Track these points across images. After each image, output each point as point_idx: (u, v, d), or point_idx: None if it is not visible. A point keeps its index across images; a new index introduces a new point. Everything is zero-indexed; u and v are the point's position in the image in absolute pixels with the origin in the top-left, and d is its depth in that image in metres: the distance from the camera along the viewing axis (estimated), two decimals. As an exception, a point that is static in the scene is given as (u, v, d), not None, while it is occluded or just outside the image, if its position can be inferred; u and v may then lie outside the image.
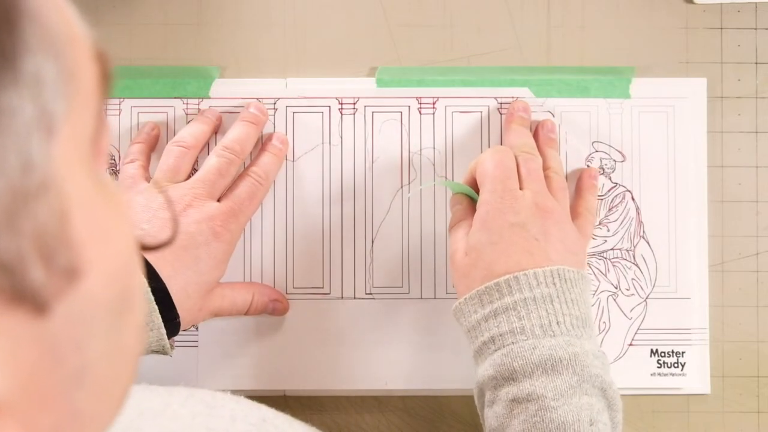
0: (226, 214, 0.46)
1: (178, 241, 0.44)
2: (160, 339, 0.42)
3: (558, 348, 0.40)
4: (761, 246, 0.53)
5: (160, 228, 0.44)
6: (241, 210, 0.47)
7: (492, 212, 0.44)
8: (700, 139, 0.53)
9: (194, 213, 0.45)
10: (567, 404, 0.39)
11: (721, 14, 0.54)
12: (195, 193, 0.46)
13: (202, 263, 0.45)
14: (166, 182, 0.47)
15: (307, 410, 0.52)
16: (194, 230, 0.44)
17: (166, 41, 0.53)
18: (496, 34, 0.53)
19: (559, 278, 0.42)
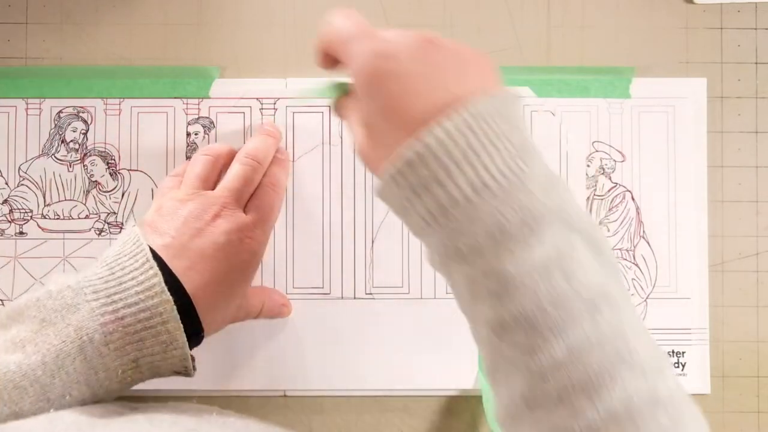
0: (254, 224, 0.45)
1: (208, 250, 0.42)
2: (184, 359, 0.41)
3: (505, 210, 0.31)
4: (761, 246, 0.53)
5: (190, 237, 0.42)
6: (267, 220, 0.46)
7: (364, 71, 0.35)
8: (700, 139, 0.53)
9: (223, 223, 0.44)
10: (525, 260, 0.31)
11: (721, 14, 0.54)
12: (223, 202, 0.44)
13: (229, 275, 0.43)
14: (193, 189, 0.46)
15: (307, 410, 0.52)
16: (224, 241, 0.43)
17: (166, 41, 0.53)
18: (496, 34, 0.53)
19: (473, 119, 0.32)
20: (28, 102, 0.52)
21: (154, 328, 0.39)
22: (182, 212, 0.44)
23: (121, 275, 0.40)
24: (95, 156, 0.52)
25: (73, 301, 0.39)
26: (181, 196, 0.45)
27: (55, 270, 0.52)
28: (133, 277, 0.40)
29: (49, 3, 0.53)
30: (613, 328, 0.31)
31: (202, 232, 0.43)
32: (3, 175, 0.52)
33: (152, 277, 0.40)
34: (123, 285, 0.39)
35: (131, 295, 0.39)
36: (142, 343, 0.39)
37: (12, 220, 0.52)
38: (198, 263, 0.42)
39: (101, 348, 0.38)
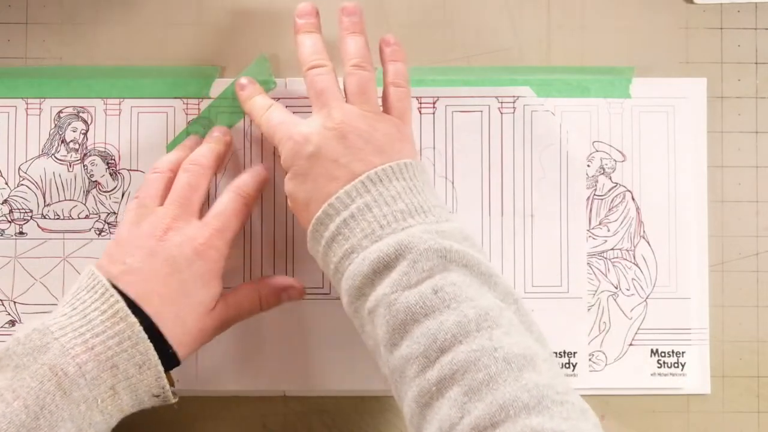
0: (208, 231, 0.45)
1: (162, 268, 0.43)
2: (158, 377, 0.41)
3: (384, 246, 0.39)
4: (761, 246, 0.53)
5: (142, 259, 0.43)
6: (225, 226, 0.45)
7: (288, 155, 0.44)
8: (700, 139, 0.53)
9: (174, 236, 0.44)
10: (407, 289, 0.38)
11: (721, 14, 0.54)
12: (173, 214, 0.45)
13: (189, 287, 0.43)
14: (144, 208, 0.45)
15: (307, 410, 0.52)
16: (176, 254, 0.43)
17: (166, 41, 0.53)
18: (496, 34, 0.53)
19: (371, 182, 0.41)
20: (28, 102, 0.52)
21: (125, 352, 0.40)
22: (135, 236, 0.44)
23: (83, 308, 0.41)
24: (95, 156, 0.52)
25: (41, 342, 0.40)
26: (132, 219, 0.45)
27: (55, 270, 0.52)
28: (95, 308, 0.41)
29: (49, 3, 0.53)
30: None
31: (154, 250, 0.43)
32: (3, 175, 0.52)
33: (114, 304, 0.41)
34: (87, 317, 0.40)
35: (97, 324, 0.40)
36: (117, 368, 0.40)
37: (12, 220, 0.52)
38: (153, 284, 0.42)
39: (78, 380, 0.39)
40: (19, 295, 0.52)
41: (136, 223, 0.45)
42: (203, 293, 0.44)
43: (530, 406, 0.33)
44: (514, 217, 0.52)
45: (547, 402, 0.34)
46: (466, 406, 0.34)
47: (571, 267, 0.52)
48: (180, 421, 0.52)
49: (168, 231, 0.44)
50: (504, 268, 0.52)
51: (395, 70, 0.47)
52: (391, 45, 0.48)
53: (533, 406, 0.33)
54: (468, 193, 0.52)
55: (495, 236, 0.52)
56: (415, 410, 0.37)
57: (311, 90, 0.45)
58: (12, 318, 0.52)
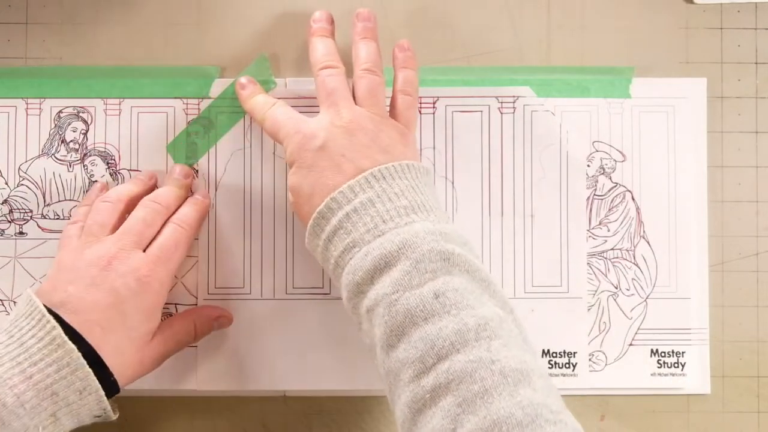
0: (153, 263, 0.45)
1: (104, 298, 0.42)
2: (100, 401, 0.41)
3: (386, 243, 0.39)
4: (761, 246, 0.53)
5: (85, 288, 0.42)
6: (168, 257, 0.46)
7: (294, 149, 0.44)
8: (700, 139, 0.53)
9: (118, 265, 0.44)
10: (408, 290, 0.38)
11: (721, 14, 0.54)
12: (121, 245, 0.45)
13: (130, 318, 0.43)
14: (92, 236, 0.45)
15: (307, 410, 0.52)
16: (119, 284, 0.43)
17: (166, 41, 0.53)
18: (496, 34, 0.53)
19: (374, 179, 0.41)
20: (28, 102, 0.52)
21: (65, 379, 0.40)
22: (79, 263, 0.44)
23: (20, 336, 0.40)
24: (95, 156, 0.52)
25: None
26: (80, 247, 0.45)
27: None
28: (32, 335, 0.40)
29: (49, 3, 0.53)
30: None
31: (96, 279, 0.43)
32: (3, 175, 0.52)
33: (51, 330, 0.40)
34: (24, 345, 0.40)
35: (35, 352, 0.40)
36: (57, 395, 0.40)
37: (12, 220, 0.52)
38: (95, 314, 0.42)
39: (17, 410, 0.39)
40: (19, 295, 0.52)
41: (80, 250, 0.45)
42: (144, 326, 0.44)
43: (524, 423, 0.33)
44: (514, 217, 0.52)
45: (540, 421, 0.33)
46: (459, 418, 0.34)
47: (571, 267, 0.52)
48: (180, 420, 0.52)
49: (112, 261, 0.44)
50: (504, 268, 0.52)
51: (405, 77, 0.48)
52: (405, 51, 0.48)
53: (527, 424, 0.33)
54: (468, 193, 0.52)
55: (495, 236, 0.52)
56: (407, 415, 0.37)
57: (321, 89, 0.46)
58: (12, 318, 0.52)
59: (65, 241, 0.47)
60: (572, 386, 0.52)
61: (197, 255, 0.52)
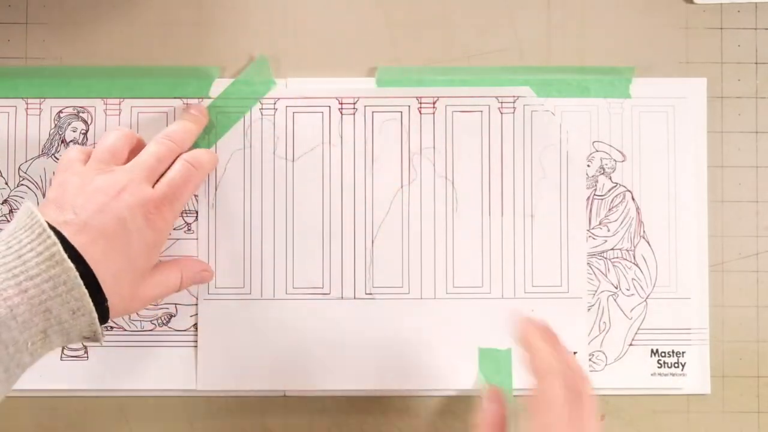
0: (160, 199, 0.45)
1: (111, 225, 0.42)
2: (92, 323, 0.41)
3: None
4: (761, 246, 0.53)
5: (92, 212, 0.42)
6: (176, 196, 0.46)
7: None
8: (700, 139, 0.53)
9: (128, 197, 0.43)
10: None
11: (721, 14, 0.54)
12: (131, 176, 0.44)
13: (133, 250, 0.43)
14: (103, 164, 0.45)
15: (307, 410, 0.52)
16: (127, 215, 0.43)
17: (166, 41, 0.53)
18: (496, 34, 0.53)
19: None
20: (28, 102, 0.52)
21: (60, 297, 0.39)
22: (88, 188, 0.43)
23: (18, 248, 0.39)
24: (95, 156, 0.52)
25: None
26: (88, 170, 0.45)
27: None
28: (31, 248, 0.39)
29: (49, 3, 0.53)
30: None
31: (105, 206, 0.43)
32: (3, 175, 0.52)
33: (51, 246, 0.39)
34: (22, 258, 0.39)
35: (32, 267, 0.39)
36: (50, 312, 0.39)
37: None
38: (99, 238, 0.42)
39: (8, 322, 0.38)
40: (19, 295, 0.52)
41: (88, 175, 0.44)
42: (143, 261, 0.44)
43: None
44: (514, 217, 0.52)
45: None
46: None
47: (571, 267, 0.52)
48: (180, 421, 0.52)
49: (122, 192, 0.43)
50: (504, 268, 0.52)
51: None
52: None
53: None
54: (468, 193, 0.52)
55: (495, 236, 0.52)
56: None
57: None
58: (12, 318, 0.52)
59: (68, 163, 0.46)
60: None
61: (197, 255, 0.52)
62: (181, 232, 0.52)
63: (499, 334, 0.52)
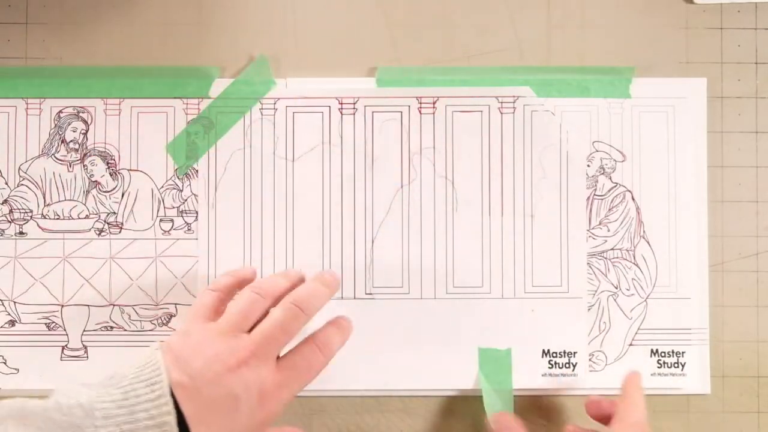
0: (281, 383, 0.42)
1: (222, 401, 0.39)
2: None
3: None
4: (761, 246, 0.53)
5: (207, 381, 0.39)
6: (299, 381, 0.43)
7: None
8: (700, 139, 0.53)
9: (247, 373, 0.40)
10: None
11: (721, 14, 0.54)
12: (254, 349, 0.41)
13: (238, 427, 0.40)
14: (231, 326, 0.42)
15: (307, 410, 0.52)
16: (241, 393, 0.40)
17: (166, 41, 0.53)
18: (496, 34, 0.53)
19: None
20: (28, 102, 0.52)
21: None
22: (209, 351, 0.41)
23: (134, 403, 0.38)
24: (95, 156, 0.52)
25: (81, 422, 0.37)
26: (215, 331, 0.42)
27: (55, 270, 0.52)
28: (145, 410, 0.38)
29: (49, 3, 0.53)
30: None
31: (221, 378, 0.40)
32: (3, 175, 0.52)
33: (165, 415, 0.38)
34: (134, 416, 0.38)
35: (140, 429, 0.37)
36: None
37: (12, 220, 0.52)
38: (207, 410, 0.39)
39: None
40: (19, 295, 0.52)
41: (214, 334, 0.42)
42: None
43: None
44: (514, 217, 0.52)
45: None
46: None
47: (571, 267, 0.52)
48: (180, 421, 0.52)
49: (242, 365, 0.40)
50: (504, 268, 0.52)
51: None
52: None
53: None
54: (468, 193, 0.52)
55: (495, 236, 0.52)
56: None
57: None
58: (12, 318, 0.52)
59: (200, 309, 0.45)
60: (572, 386, 0.52)
61: (197, 255, 0.52)
62: (182, 232, 0.52)
63: (499, 333, 0.52)
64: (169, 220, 0.52)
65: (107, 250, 0.52)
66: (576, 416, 0.53)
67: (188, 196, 0.52)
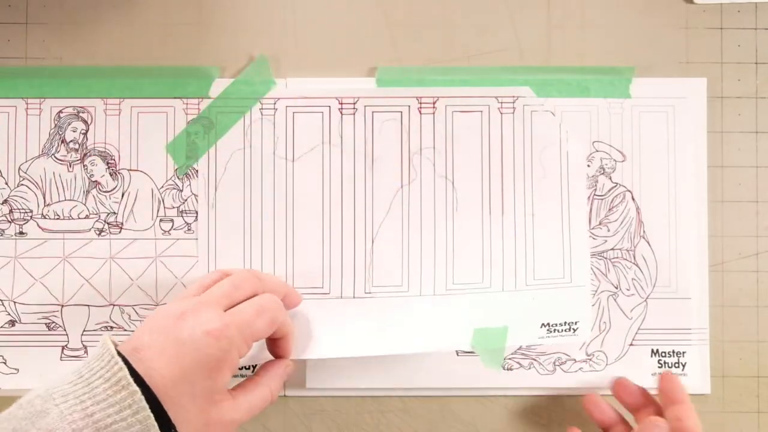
0: (227, 320, 0.42)
1: (169, 348, 0.41)
2: None
3: None
4: (761, 246, 0.53)
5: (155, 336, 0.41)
6: (247, 322, 0.43)
7: None
8: (700, 139, 0.53)
9: (191, 317, 0.42)
10: None
11: (721, 14, 0.54)
12: (199, 299, 0.43)
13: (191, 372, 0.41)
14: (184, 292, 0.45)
15: (307, 410, 0.52)
16: (186, 336, 0.41)
17: (166, 41, 0.53)
18: (496, 34, 0.53)
19: None
20: (28, 102, 0.52)
21: (125, 420, 0.38)
22: (159, 314, 0.43)
23: (88, 376, 0.40)
24: (95, 156, 0.52)
25: (42, 407, 0.38)
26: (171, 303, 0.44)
27: (55, 270, 0.52)
28: (100, 376, 0.39)
29: (49, 3, 0.53)
30: None
31: (167, 330, 0.41)
32: (3, 175, 0.52)
33: (117, 372, 0.39)
34: (91, 384, 0.39)
35: (99, 392, 0.39)
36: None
37: (12, 220, 0.52)
38: (158, 362, 0.40)
39: None
40: (19, 295, 0.52)
41: (167, 306, 0.44)
42: (204, 382, 0.41)
43: None
44: (515, 217, 0.52)
45: None
46: None
47: (574, 259, 0.52)
48: (180, 421, 0.52)
49: (187, 313, 0.42)
50: (505, 268, 0.52)
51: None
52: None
53: None
54: (468, 193, 0.52)
55: (495, 236, 0.52)
56: None
57: None
58: (12, 318, 0.52)
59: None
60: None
61: (197, 255, 0.52)
62: (182, 232, 0.52)
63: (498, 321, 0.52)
64: (169, 220, 0.52)
65: (107, 250, 0.52)
66: (576, 416, 0.53)
67: (188, 196, 0.52)
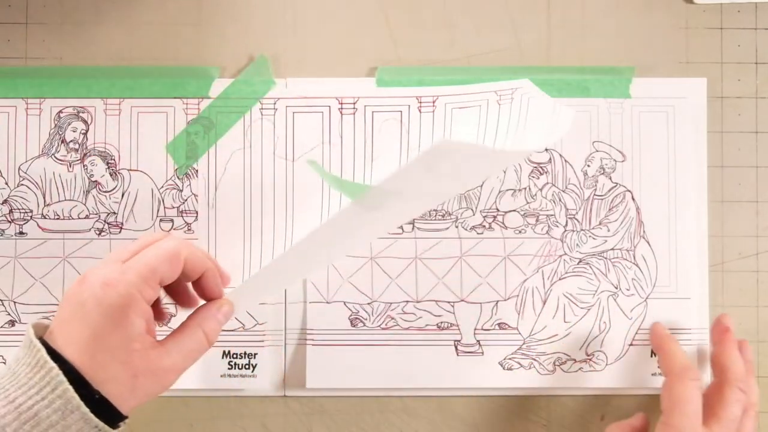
0: (124, 268, 0.40)
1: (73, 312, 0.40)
2: (87, 419, 0.38)
3: None
4: (761, 246, 0.53)
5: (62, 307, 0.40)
6: (145, 263, 0.41)
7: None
8: (700, 139, 0.53)
9: (91, 276, 0.40)
10: None
11: (721, 14, 0.54)
12: (105, 259, 0.42)
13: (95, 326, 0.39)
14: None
15: (307, 410, 0.52)
16: (87, 295, 0.40)
17: (166, 41, 0.53)
18: (496, 34, 0.53)
19: None
20: (28, 102, 0.52)
21: (45, 399, 0.38)
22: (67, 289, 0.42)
23: (15, 366, 0.39)
24: (95, 156, 0.52)
25: None
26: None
27: (55, 270, 0.52)
28: (24, 363, 0.39)
29: (49, 3, 0.53)
30: None
31: (72, 296, 0.40)
32: (3, 175, 0.52)
33: (36, 353, 0.39)
34: (15, 373, 0.39)
35: (21, 377, 0.38)
36: (38, 417, 0.38)
37: (12, 220, 0.52)
38: (68, 330, 0.40)
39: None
40: (19, 295, 0.52)
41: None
42: (114, 333, 0.39)
43: None
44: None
45: None
46: None
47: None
48: (180, 421, 0.52)
49: (86, 276, 0.41)
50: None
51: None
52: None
53: None
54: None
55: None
56: None
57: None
58: (12, 318, 0.52)
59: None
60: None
61: (197, 255, 0.52)
62: (181, 232, 0.52)
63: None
64: (169, 220, 0.52)
65: (107, 250, 0.52)
66: (576, 416, 0.53)
67: (188, 196, 0.52)
